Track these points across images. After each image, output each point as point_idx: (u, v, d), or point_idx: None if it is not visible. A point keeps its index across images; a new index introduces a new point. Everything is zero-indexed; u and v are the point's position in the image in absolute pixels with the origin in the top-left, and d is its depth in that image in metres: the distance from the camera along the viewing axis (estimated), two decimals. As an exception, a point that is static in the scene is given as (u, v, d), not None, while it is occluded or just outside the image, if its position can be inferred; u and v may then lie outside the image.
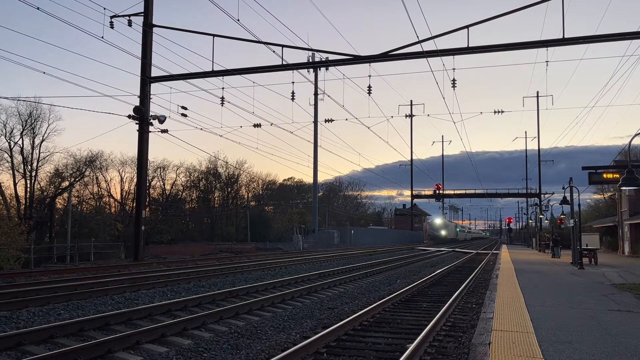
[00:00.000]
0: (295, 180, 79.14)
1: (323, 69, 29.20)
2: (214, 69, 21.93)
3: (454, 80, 20.95)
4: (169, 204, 56.93)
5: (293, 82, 24.36)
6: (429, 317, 9.25)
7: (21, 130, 42.51)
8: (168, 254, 33.57)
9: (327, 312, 10.20)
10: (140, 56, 22.03)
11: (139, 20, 22.03)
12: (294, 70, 22.65)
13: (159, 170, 57.62)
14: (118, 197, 54.92)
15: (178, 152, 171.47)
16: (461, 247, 57.64)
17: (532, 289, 12.63)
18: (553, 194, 56.42)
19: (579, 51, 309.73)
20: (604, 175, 23.10)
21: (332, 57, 21.96)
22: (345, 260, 26.04)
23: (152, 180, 55.36)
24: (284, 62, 21.07)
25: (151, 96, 22.88)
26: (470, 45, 18.84)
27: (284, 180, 78.73)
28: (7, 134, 42.17)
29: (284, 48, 20.72)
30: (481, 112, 62.82)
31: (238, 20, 18.45)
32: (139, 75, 22.32)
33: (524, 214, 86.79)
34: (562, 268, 21.39)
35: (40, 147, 43.44)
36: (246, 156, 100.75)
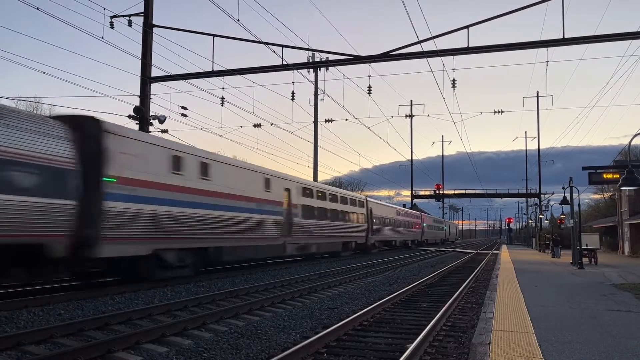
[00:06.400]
0: (295, 180, 78.97)
1: (323, 69, 29.11)
2: (214, 69, 21.88)
3: (454, 80, 20.93)
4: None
5: (293, 82, 24.40)
6: (429, 317, 9.26)
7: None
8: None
9: (327, 312, 10.20)
10: (140, 56, 22.01)
11: (139, 20, 21.99)
12: (294, 70, 22.61)
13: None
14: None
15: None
16: (461, 247, 57.63)
17: (532, 289, 12.64)
18: (553, 194, 56.33)
19: (579, 51, 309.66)
20: (604, 175, 23.10)
21: (332, 57, 21.92)
22: (345, 260, 26.04)
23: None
24: (284, 62, 21.03)
25: (151, 96, 22.82)
26: (470, 45, 18.79)
27: (284, 180, 78.49)
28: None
29: (284, 48, 20.68)
30: (481, 112, 62.85)
31: (238, 20, 18.42)
32: (139, 75, 22.28)
33: (524, 214, 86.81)
34: (562, 268, 21.40)
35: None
36: (246, 156, 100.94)
